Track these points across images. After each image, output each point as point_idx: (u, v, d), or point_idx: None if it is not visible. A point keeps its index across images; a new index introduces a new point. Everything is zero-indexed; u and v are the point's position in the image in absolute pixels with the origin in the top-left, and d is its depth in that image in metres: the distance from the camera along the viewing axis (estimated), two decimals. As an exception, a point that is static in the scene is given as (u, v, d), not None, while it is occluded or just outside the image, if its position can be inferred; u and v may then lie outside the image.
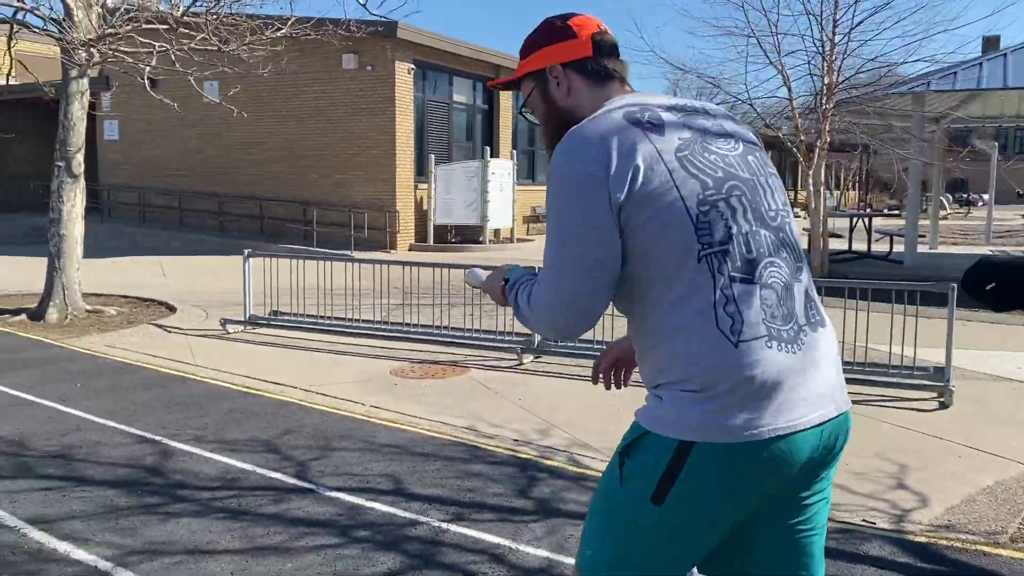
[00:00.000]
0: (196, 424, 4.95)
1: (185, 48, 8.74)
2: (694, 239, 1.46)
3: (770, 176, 1.62)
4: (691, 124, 1.56)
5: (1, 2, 8.71)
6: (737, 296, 1.46)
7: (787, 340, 1.48)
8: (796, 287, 1.53)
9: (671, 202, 1.46)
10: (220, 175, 19.54)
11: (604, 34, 1.70)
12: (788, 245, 1.55)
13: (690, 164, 1.50)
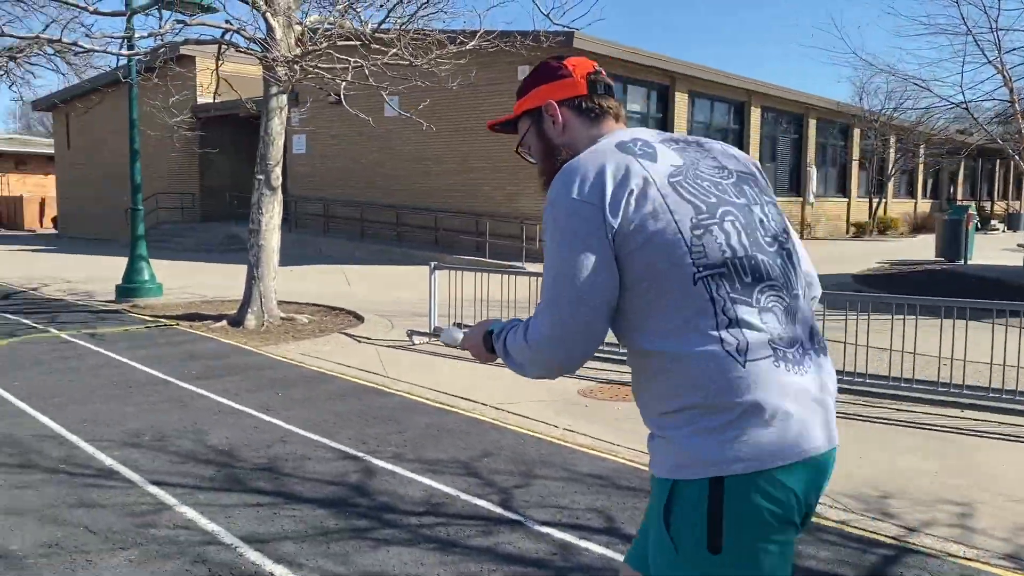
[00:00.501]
0: (395, 440, 4.87)
1: (377, 63, 8.90)
2: (689, 262, 1.45)
3: (766, 204, 1.61)
4: (684, 153, 1.58)
5: (212, 24, 9.23)
6: (739, 318, 1.44)
7: (793, 361, 1.46)
8: (797, 312, 1.52)
9: (665, 226, 1.46)
10: (398, 187, 20.15)
11: (598, 74, 1.75)
12: (787, 270, 1.54)
13: (683, 189, 1.51)
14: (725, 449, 1.40)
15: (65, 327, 8.80)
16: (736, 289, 1.46)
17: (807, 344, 1.50)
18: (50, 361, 7.05)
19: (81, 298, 11.46)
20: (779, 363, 1.44)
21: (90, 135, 29.18)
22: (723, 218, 1.51)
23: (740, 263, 1.48)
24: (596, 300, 1.48)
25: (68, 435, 4.90)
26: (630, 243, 1.47)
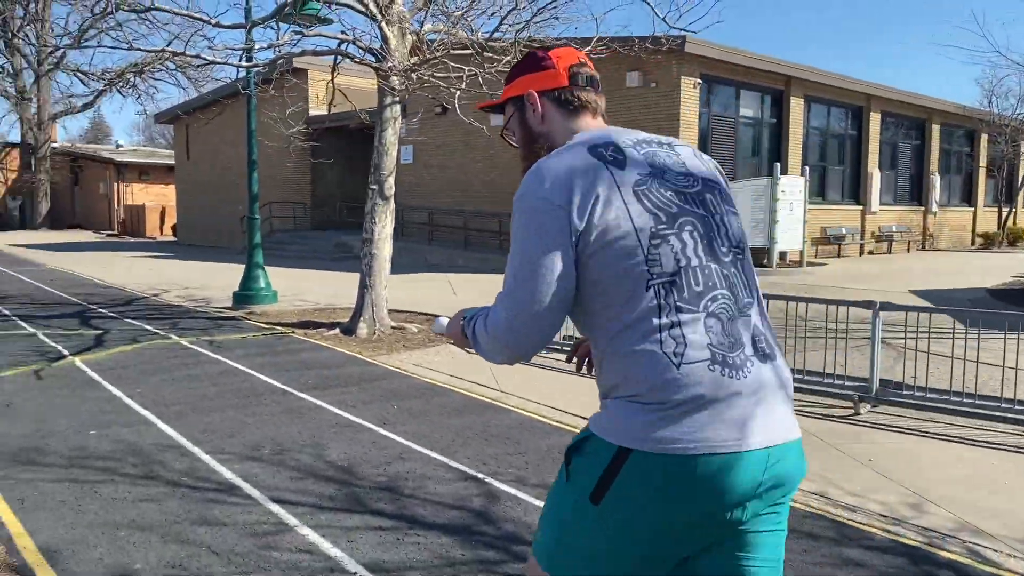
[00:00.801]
0: (516, 463, 4.64)
1: (492, 71, 8.76)
2: (645, 269, 1.54)
3: (727, 214, 1.67)
4: (653, 160, 1.64)
5: (328, 35, 9.29)
6: (682, 323, 1.53)
7: (732, 366, 1.53)
8: (744, 319, 1.59)
9: (625, 233, 1.54)
10: (502, 196, 20.07)
11: (582, 66, 1.79)
12: (740, 280, 1.62)
13: (645, 198, 1.58)
14: (647, 430, 1.49)
15: (185, 334, 8.99)
16: (683, 297, 1.55)
17: (749, 351, 1.57)
18: (171, 368, 7.16)
19: (199, 304, 11.77)
20: (715, 367, 1.52)
21: (207, 146, 30.41)
22: (681, 228, 1.59)
23: (691, 272, 1.56)
24: (552, 297, 1.56)
25: (189, 446, 4.89)
26: (592, 246, 1.55)
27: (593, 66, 1.88)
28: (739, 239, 1.69)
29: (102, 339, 8.64)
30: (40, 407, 5.77)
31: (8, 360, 7.45)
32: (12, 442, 4.95)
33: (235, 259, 20.32)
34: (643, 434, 1.49)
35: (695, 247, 1.58)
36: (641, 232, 1.55)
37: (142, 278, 15.92)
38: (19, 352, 7.87)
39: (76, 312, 10.91)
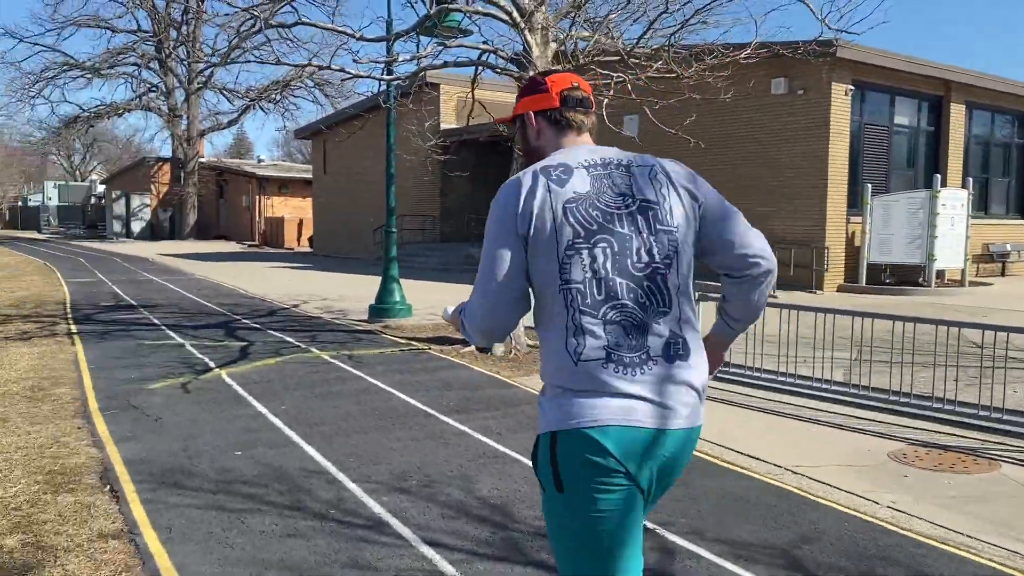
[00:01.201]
0: (690, 510, 4.15)
1: (641, 78, 8.31)
2: (557, 275, 1.83)
3: (656, 232, 1.87)
4: (597, 180, 1.89)
5: (470, 45, 9.09)
6: (583, 326, 1.80)
7: (627, 365, 1.79)
8: (654, 327, 1.82)
9: (550, 243, 1.83)
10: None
11: (573, 90, 2.05)
12: (654, 293, 1.83)
13: (571, 215, 1.84)
14: (560, 414, 1.80)
15: (325, 347, 8.95)
16: (586, 303, 1.81)
17: (655, 353, 1.81)
18: (313, 383, 7.05)
19: (337, 316, 11.82)
20: (608, 365, 1.79)
21: (342, 160, 31.25)
22: (595, 244, 1.82)
23: (596, 283, 1.81)
24: (504, 289, 1.85)
25: (335, 472, 4.66)
26: (531, 249, 1.84)
27: (589, 88, 2.10)
28: (663, 257, 1.86)
29: (247, 351, 8.69)
30: (188, 423, 5.72)
31: (158, 372, 7.56)
32: (161, 460, 4.87)
33: (368, 270, 20.64)
34: (558, 417, 1.80)
35: (604, 261, 1.82)
36: (560, 243, 1.82)
37: (282, 289, 16.30)
38: (169, 363, 7.99)
39: (221, 323, 11.15)
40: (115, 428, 5.56)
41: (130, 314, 12.05)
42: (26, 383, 7.01)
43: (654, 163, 1.97)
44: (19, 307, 12.80)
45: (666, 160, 2.00)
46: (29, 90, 39.63)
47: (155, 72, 42.54)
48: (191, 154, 42.79)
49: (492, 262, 1.87)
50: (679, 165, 2.01)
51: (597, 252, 1.82)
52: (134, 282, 17.73)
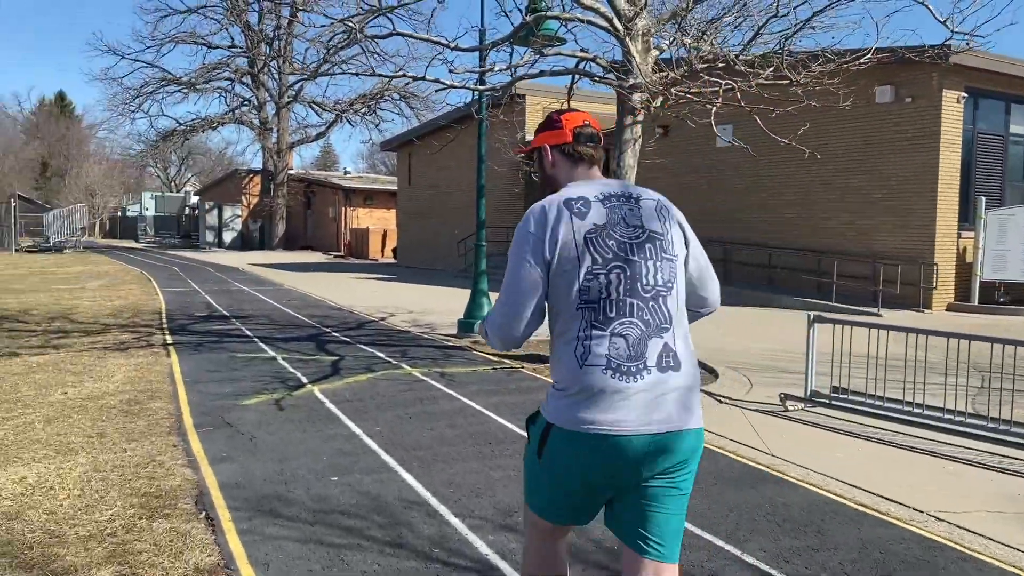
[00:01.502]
0: (829, 562, 3.71)
1: (751, 85, 7.86)
2: (577, 296, 2.16)
3: (661, 259, 2.22)
4: (611, 212, 2.21)
5: (567, 53, 8.80)
6: (591, 337, 2.13)
7: (625, 373, 2.11)
8: (653, 341, 2.14)
9: (572, 268, 2.15)
10: (727, 222, 18.88)
11: (584, 127, 2.38)
12: (657, 311, 2.16)
13: (591, 244, 2.17)
14: (560, 412, 2.15)
15: (416, 364, 8.75)
16: (598, 319, 2.14)
17: (649, 363, 2.12)
18: (407, 403, 6.84)
19: (424, 330, 11.66)
20: (607, 371, 2.10)
21: (427, 172, 31.40)
22: (610, 270, 2.16)
23: (608, 303, 2.14)
24: (526, 305, 2.20)
25: (435, 504, 4.38)
26: (553, 272, 2.18)
27: (598, 125, 2.41)
28: (666, 281, 2.20)
29: (338, 366, 8.57)
30: (282, 443, 5.56)
31: (252, 386, 7.47)
32: (256, 484, 4.69)
33: (452, 282, 20.53)
34: (558, 415, 2.15)
35: (617, 285, 2.14)
36: (581, 269, 2.14)
37: (368, 300, 16.30)
38: (261, 378, 7.91)
39: (312, 335, 11.11)
40: (210, 447, 5.44)
41: (223, 325, 12.15)
42: (123, 396, 7.01)
43: (658, 198, 2.31)
44: (117, 316, 13.09)
45: (662, 196, 2.35)
46: (130, 104, 41.30)
47: (247, 86, 43.79)
48: (280, 166, 43.82)
49: (517, 280, 2.19)
50: (668, 202, 2.35)
51: (612, 277, 2.15)
52: (226, 292, 18.04)
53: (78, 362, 8.69)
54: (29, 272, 24.35)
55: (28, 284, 19.62)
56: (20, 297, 16.08)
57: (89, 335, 10.81)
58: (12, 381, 7.63)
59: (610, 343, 2.12)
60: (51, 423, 6.05)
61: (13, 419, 6.19)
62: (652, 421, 2.10)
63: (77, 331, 11.21)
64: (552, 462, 2.19)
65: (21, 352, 9.32)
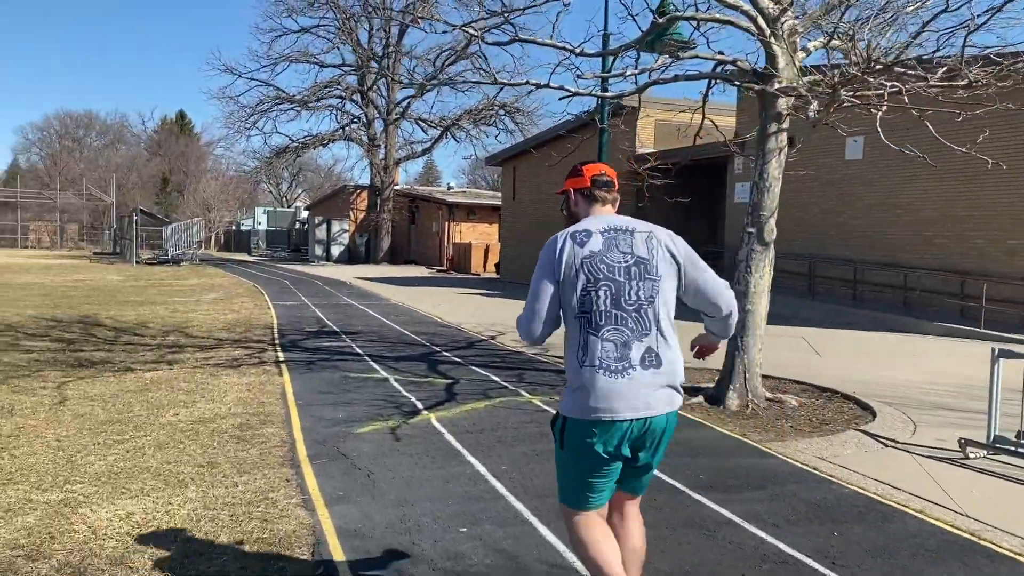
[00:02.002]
0: None
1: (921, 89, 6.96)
2: (576, 308, 2.76)
3: (644, 278, 2.78)
4: (608, 241, 2.81)
5: (705, 56, 8.09)
6: (588, 342, 2.73)
7: (614, 371, 2.69)
8: (636, 344, 2.72)
9: (571, 285, 2.77)
10: (858, 239, 17.62)
11: (600, 175, 3.00)
12: (640, 320, 2.74)
13: (587, 266, 2.77)
14: (570, 406, 2.76)
15: (536, 390, 8.17)
16: (591, 327, 2.73)
17: (633, 362, 2.71)
18: (532, 437, 6.25)
19: (537, 352, 11.08)
20: (599, 371, 2.70)
21: (532, 186, 30.97)
22: (599, 288, 2.75)
23: (598, 315, 2.73)
24: (540, 312, 2.81)
25: (585, 573, 3.75)
26: (561, 288, 2.79)
27: (613, 174, 3.05)
28: (647, 297, 2.78)
29: (452, 391, 8.07)
30: (402, 482, 5.05)
31: (365, 412, 7.04)
32: (378, 533, 4.17)
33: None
34: (569, 408, 2.77)
35: (605, 300, 2.74)
36: (578, 286, 2.77)
37: (475, 317, 15.87)
38: (375, 402, 7.49)
39: (422, 355, 10.70)
40: (325, 483, 4.98)
41: (334, 342, 11.91)
42: (235, 420, 6.68)
43: (651, 229, 2.87)
44: (230, 330, 13.05)
45: (658, 227, 2.89)
46: (245, 122, 42.62)
47: (357, 104, 44.56)
48: (387, 182, 44.36)
49: (537, 292, 2.81)
50: (664, 231, 2.89)
51: (601, 293, 2.74)
52: (335, 306, 17.97)
53: (191, 379, 8.50)
54: (148, 284, 25.13)
55: (146, 296, 20.12)
56: (138, 310, 16.40)
57: (203, 350, 10.71)
58: (126, 399, 7.44)
59: (601, 346, 2.71)
60: (162, 448, 5.74)
61: (125, 442, 5.92)
62: (638, 408, 2.69)
63: (191, 345, 11.15)
64: (570, 446, 2.78)
65: (136, 367, 9.22)
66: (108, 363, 9.49)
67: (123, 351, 10.54)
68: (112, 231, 55.94)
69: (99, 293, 20.79)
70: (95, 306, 17.00)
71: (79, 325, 13.39)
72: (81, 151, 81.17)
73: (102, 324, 13.62)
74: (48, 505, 4.53)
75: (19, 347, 10.70)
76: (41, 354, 10.11)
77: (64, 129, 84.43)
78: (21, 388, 7.87)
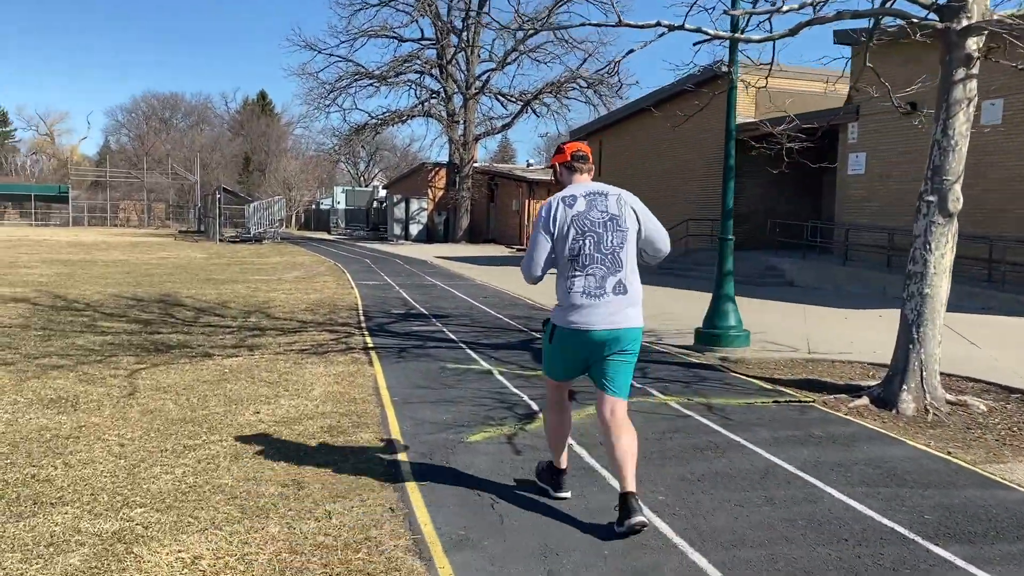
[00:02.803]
0: None
1: None
2: (567, 253, 3.76)
3: (616, 231, 3.78)
4: (590, 202, 3.80)
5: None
6: (575, 275, 3.74)
7: (592, 295, 3.71)
8: (611, 278, 3.73)
9: (563, 237, 3.75)
10: (992, 214, 15.75)
11: (578, 152, 4.01)
12: (613, 262, 3.74)
13: (575, 221, 3.75)
14: (560, 318, 3.79)
15: (667, 389, 6.97)
16: (577, 266, 3.74)
17: (607, 290, 3.72)
18: (684, 454, 5.06)
19: (650, 339, 9.87)
20: (583, 296, 3.72)
21: (619, 161, 29.56)
22: (585, 238, 3.73)
23: (584, 256, 3.73)
24: (539, 257, 3.81)
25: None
26: (555, 239, 3.78)
27: (588, 149, 4.08)
28: (619, 244, 3.79)
29: (568, 388, 6.96)
30: (536, 518, 3.94)
31: (473, 413, 5.99)
32: (517, 598, 3.08)
33: (657, 279, 18.60)
34: (559, 320, 3.80)
35: (589, 246, 3.74)
36: (567, 237, 3.75)
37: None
38: (482, 400, 6.43)
39: (522, 341, 9.62)
40: (439, 516, 3.92)
41: (423, 325, 10.94)
42: (323, 421, 5.71)
43: (619, 193, 3.90)
44: (314, 312, 12.22)
45: (623, 191, 3.93)
46: (324, 99, 42.19)
47: (436, 79, 43.65)
48: (466, 159, 43.41)
49: (535, 244, 3.85)
50: (628, 194, 3.92)
51: (587, 242, 3.76)
52: (419, 287, 17.07)
53: (273, 368, 7.61)
54: (230, 262, 24.78)
55: (228, 275, 19.62)
56: (220, 288, 15.80)
57: (285, 334, 9.86)
58: (201, 392, 6.57)
59: (585, 280, 3.78)
60: (238, 459, 4.78)
61: (196, 448, 4.99)
62: (611, 322, 3.75)
63: (273, 328, 10.33)
64: (556, 344, 3.90)
65: (214, 353, 8.40)
66: (185, 347, 8.70)
67: (202, 333, 9.78)
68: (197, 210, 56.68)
69: (181, 271, 20.41)
70: (176, 284, 16.49)
71: (158, 304, 12.78)
72: (168, 132, 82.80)
73: (182, 303, 12.98)
74: (99, 539, 3.59)
75: (95, 328, 10.05)
76: (117, 336, 9.41)
77: (151, 111, 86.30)
78: (90, 377, 7.09)
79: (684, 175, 25.30)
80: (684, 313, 12.59)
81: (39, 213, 64.83)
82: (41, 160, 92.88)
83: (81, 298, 13.40)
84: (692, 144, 25.34)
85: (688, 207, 24.94)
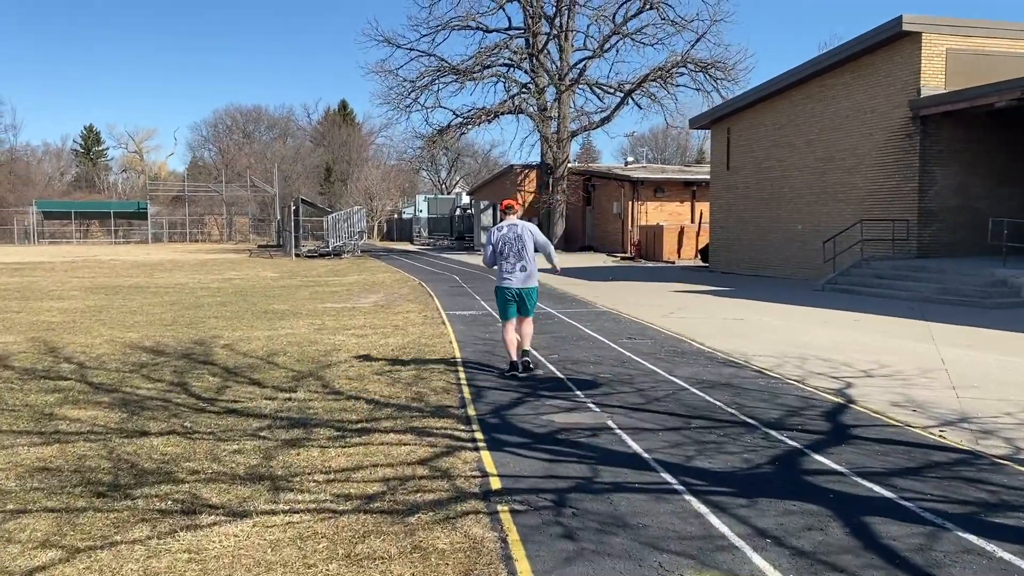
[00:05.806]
0: None
1: None
2: (499, 253, 8.59)
3: (518, 241, 8.50)
4: (509, 231, 8.53)
5: None
6: (503, 264, 8.53)
7: (511, 272, 8.48)
8: (519, 263, 8.45)
9: (496, 244, 8.59)
10: None
11: (508, 206, 8.85)
12: (521, 258, 8.45)
13: (502, 240, 8.56)
14: (498, 281, 8.62)
15: None
16: (504, 258, 8.51)
17: (518, 270, 8.45)
18: None
19: (972, 436, 5.40)
20: (506, 273, 8.50)
21: (749, 153, 24.85)
22: (507, 246, 8.48)
23: (505, 255, 8.49)
24: (490, 255, 8.68)
25: None
26: (494, 245, 8.61)
27: (515, 202, 8.98)
28: (521, 249, 8.44)
29: None
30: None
31: None
32: None
33: (819, 300, 13.93)
34: (498, 282, 8.59)
35: (507, 250, 8.45)
36: (497, 245, 8.53)
37: (752, 340, 10.29)
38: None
39: (772, 460, 5.28)
40: None
41: (568, 408, 6.73)
42: None
43: (523, 224, 8.56)
44: (392, 376, 8.19)
45: (525, 222, 8.68)
46: (405, 98, 38.69)
47: (525, 71, 39.61)
48: (560, 158, 39.24)
49: (487, 248, 8.65)
50: (526, 224, 8.63)
51: (506, 249, 8.41)
52: (532, 320, 12.88)
53: (312, 564, 3.50)
54: (302, 283, 21.25)
55: (293, 303, 15.93)
56: (275, 327, 12.01)
57: (342, 437, 5.82)
58: None
59: (506, 264, 8.39)
60: None
61: None
62: (522, 284, 8.40)
63: (324, 421, 6.31)
64: (500, 296, 8.50)
65: (209, 507, 4.37)
66: (164, 481, 4.73)
67: (211, 433, 5.86)
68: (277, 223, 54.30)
69: (240, 299, 16.86)
70: (223, 321, 12.81)
71: (179, 363, 8.98)
72: (251, 145, 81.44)
73: (212, 360, 9.16)
74: None
75: (42, 431, 6.21)
76: (62, 451, 5.52)
77: (234, 124, 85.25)
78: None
79: (846, 166, 20.40)
80: (963, 370, 8.00)
81: (120, 230, 63.77)
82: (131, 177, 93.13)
83: (79, 353, 9.73)
84: (852, 128, 20.46)
85: (854, 206, 20.07)
